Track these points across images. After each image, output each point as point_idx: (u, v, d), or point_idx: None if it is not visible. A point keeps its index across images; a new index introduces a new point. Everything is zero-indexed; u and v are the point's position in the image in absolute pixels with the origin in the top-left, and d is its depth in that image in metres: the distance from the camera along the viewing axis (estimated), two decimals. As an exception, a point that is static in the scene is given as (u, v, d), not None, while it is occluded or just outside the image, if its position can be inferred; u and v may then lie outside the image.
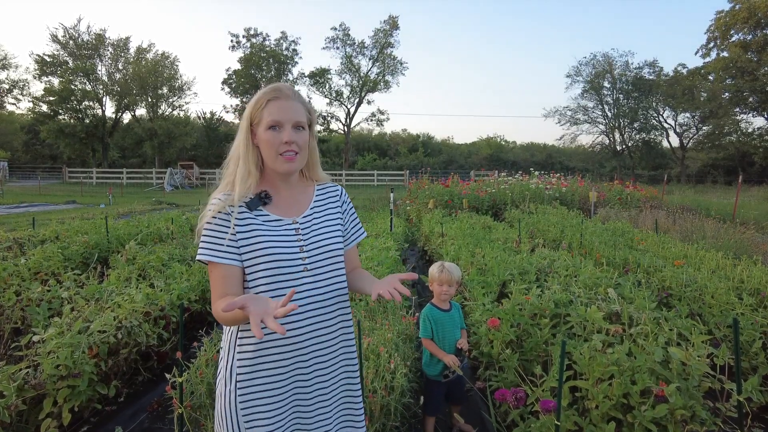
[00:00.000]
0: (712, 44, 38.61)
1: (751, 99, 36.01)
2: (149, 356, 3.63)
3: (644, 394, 2.28)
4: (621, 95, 42.73)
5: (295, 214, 1.43)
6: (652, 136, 43.17)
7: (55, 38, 38.18)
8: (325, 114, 43.72)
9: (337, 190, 1.57)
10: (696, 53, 42.16)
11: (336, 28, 42.90)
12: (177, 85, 42.45)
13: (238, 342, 1.35)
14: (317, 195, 1.52)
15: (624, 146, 43.56)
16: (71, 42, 38.73)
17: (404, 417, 2.68)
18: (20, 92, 41.03)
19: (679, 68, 41.46)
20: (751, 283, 4.22)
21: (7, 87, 40.50)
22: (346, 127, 44.50)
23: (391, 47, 42.77)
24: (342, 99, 44.03)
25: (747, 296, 3.68)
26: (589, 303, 3.41)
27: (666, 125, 42.88)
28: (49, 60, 37.86)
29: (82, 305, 3.56)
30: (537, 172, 16.62)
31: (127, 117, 43.16)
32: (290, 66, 43.29)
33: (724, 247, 6.52)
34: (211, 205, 1.36)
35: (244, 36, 42.47)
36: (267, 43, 42.56)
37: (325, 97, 44.13)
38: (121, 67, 40.85)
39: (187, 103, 68.20)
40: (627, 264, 5.15)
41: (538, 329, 3.12)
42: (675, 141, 42.80)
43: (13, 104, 43.49)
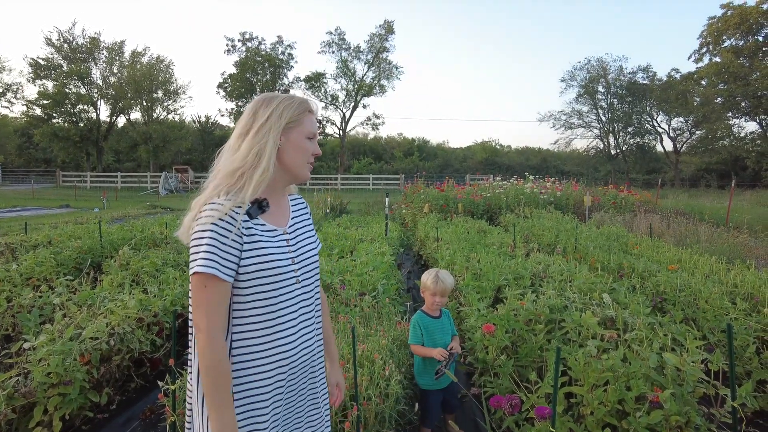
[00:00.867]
0: (704, 49, 38.93)
1: (743, 104, 36.30)
2: (142, 363, 3.60)
3: (639, 400, 2.28)
4: (615, 100, 42.99)
5: (282, 224, 1.40)
6: (646, 141, 43.43)
7: (49, 42, 38.01)
8: (321, 118, 43.72)
9: (304, 201, 1.58)
10: (689, 58, 42.57)
11: (332, 33, 43.00)
12: (172, 88, 42.32)
13: (231, 359, 1.24)
14: (292, 205, 1.50)
15: (618, 150, 43.79)
16: (66, 45, 38.57)
17: (399, 424, 2.67)
18: (14, 96, 40.73)
19: (672, 73, 41.75)
20: (745, 288, 4.24)
21: (1, 90, 40.23)
22: (341, 131, 44.52)
23: (387, 52, 42.89)
24: (337, 103, 44.07)
25: (740, 301, 3.69)
26: (583, 308, 3.42)
27: (660, 130, 43.18)
28: (43, 63, 37.66)
29: (75, 311, 3.53)
30: (532, 177, 16.67)
31: (121, 121, 42.99)
32: (286, 70, 43.31)
33: (718, 252, 6.55)
34: (216, 205, 1.21)
35: (239, 40, 42.47)
36: (262, 47, 42.57)
37: (321, 101, 44.13)
38: (116, 71, 40.68)
39: (182, 107, 68.43)
40: (621, 269, 5.16)
41: (533, 335, 3.12)
42: (669, 145, 43.11)
43: (7, 108, 43.37)
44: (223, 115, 45.27)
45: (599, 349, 2.71)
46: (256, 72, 41.97)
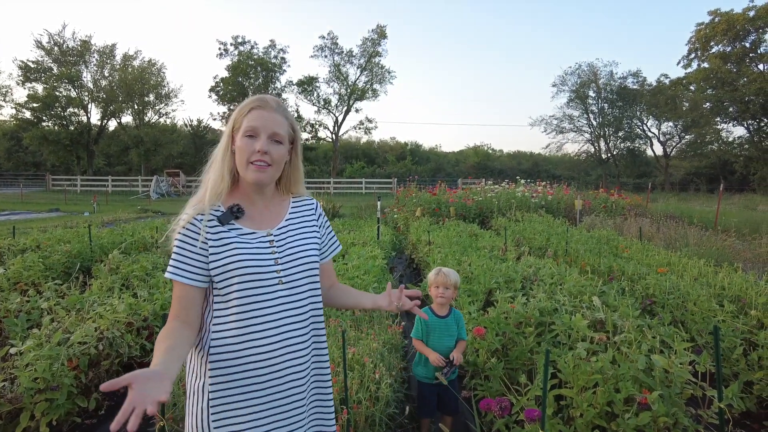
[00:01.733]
0: (693, 55, 39.44)
1: (731, 109, 36.81)
2: (131, 367, 3.57)
3: (628, 402, 2.30)
4: (606, 104, 43.38)
5: (270, 226, 1.41)
6: (637, 145, 43.85)
7: (39, 44, 37.69)
8: (313, 122, 43.70)
9: (312, 203, 1.56)
10: (678, 64, 43.22)
11: (324, 37, 43.02)
12: (164, 92, 42.14)
13: (209, 359, 1.30)
14: (292, 207, 1.50)
15: (609, 155, 44.17)
16: (56, 48, 38.27)
17: (389, 428, 2.67)
18: (3, 98, 40.33)
19: (661, 78, 42.31)
20: (732, 290, 4.29)
21: (-11, 93, 39.84)
22: (334, 135, 44.51)
23: (379, 56, 42.98)
24: (330, 107, 44.08)
25: (728, 303, 3.73)
26: (573, 311, 3.44)
27: (650, 134, 43.64)
28: (33, 66, 37.32)
29: (63, 316, 3.50)
30: (523, 181, 16.76)
31: (112, 124, 42.71)
32: (278, 74, 43.25)
33: (706, 255, 6.62)
34: (183, 215, 1.34)
35: (231, 44, 42.35)
36: (255, 51, 42.50)
37: (313, 105, 44.13)
38: (107, 74, 40.41)
39: (173, 110, 68.09)
40: (612, 272, 5.20)
41: (524, 338, 3.13)
42: (659, 149, 43.58)
43: (-5, 110, 42.87)
44: (215, 119, 44.94)
45: (589, 351, 2.73)
46: (249, 76, 41.88)
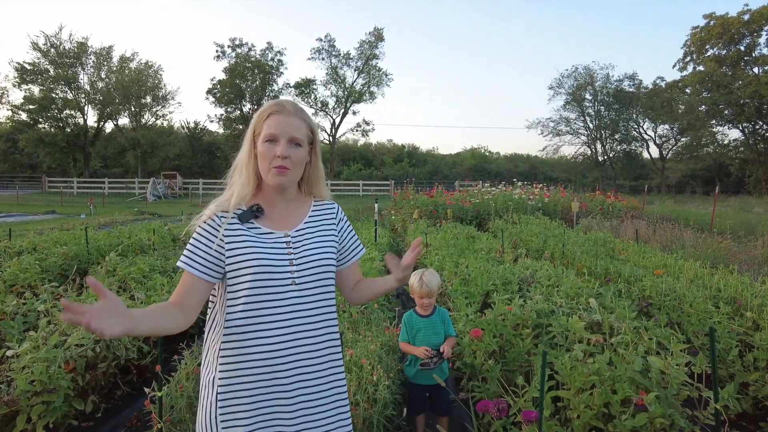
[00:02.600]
0: (688, 58, 39.68)
1: (726, 111, 37.03)
2: (129, 370, 3.56)
3: (625, 404, 2.30)
4: (602, 107, 43.60)
5: (288, 227, 1.43)
6: (633, 147, 44.07)
7: (35, 46, 37.57)
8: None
9: (334, 207, 1.57)
10: (674, 67, 43.25)
11: (321, 39, 43.15)
12: (161, 94, 42.03)
13: (220, 353, 1.34)
14: (313, 210, 1.52)
15: (605, 157, 44.35)
16: (52, 50, 38.17)
17: (387, 429, 2.67)
18: (-1, 100, 40.24)
19: (657, 81, 42.53)
20: (728, 292, 4.31)
21: (-14, 95, 39.68)
22: (331, 138, 44.55)
23: (377, 59, 43.14)
24: (327, 109, 44.16)
25: (724, 305, 3.75)
26: (570, 313, 3.45)
27: (646, 137, 43.88)
28: (29, 68, 37.21)
29: (60, 318, 3.49)
30: (520, 183, 16.82)
31: (109, 126, 42.60)
32: (275, 76, 43.29)
33: (702, 257, 6.65)
34: (207, 210, 1.39)
35: (229, 46, 42.38)
36: (252, 53, 42.54)
37: (311, 107, 44.17)
38: (103, 76, 40.32)
39: (170, 112, 67.78)
40: (608, 273, 5.22)
41: (521, 339, 3.14)
42: (655, 152, 43.83)
43: (-9, 112, 42.69)
44: (212, 121, 45.18)
45: (586, 353, 2.74)
46: (246, 78, 41.90)
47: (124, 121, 42.25)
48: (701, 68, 38.12)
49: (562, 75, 45.01)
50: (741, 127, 37.63)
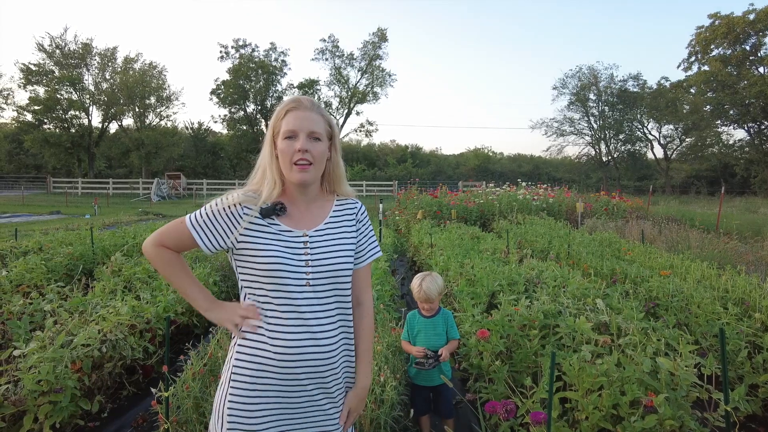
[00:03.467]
0: (693, 58, 39.49)
1: (731, 112, 36.85)
2: (134, 370, 3.57)
3: (633, 405, 2.29)
4: (606, 107, 43.41)
5: (308, 227, 1.41)
6: (637, 148, 43.86)
7: (41, 47, 37.79)
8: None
9: (355, 206, 1.54)
10: (678, 67, 43.07)
11: (325, 40, 43.16)
12: (165, 95, 42.19)
13: (236, 348, 1.37)
14: (335, 209, 1.49)
15: (610, 157, 44.17)
16: (58, 51, 38.36)
17: (394, 430, 2.66)
18: (4, 101, 40.38)
19: (662, 81, 42.31)
20: (736, 293, 4.28)
21: (-9, 96, 39.89)
22: (335, 138, 44.53)
23: (380, 59, 43.10)
24: (331, 110, 44.14)
25: (732, 306, 3.73)
26: (577, 314, 3.43)
27: (650, 137, 43.65)
28: (34, 69, 37.40)
29: (66, 318, 3.49)
30: (524, 183, 16.76)
31: (113, 127, 42.80)
32: (279, 77, 43.35)
33: (709, 257, 6.61)
34: (235, 195, 1.39)
35: (233, 47, 42.49)
36: (256, 53, 42.62)
37: (314, 107, 44.21)
38: (108, 77, 40.50)
39: (174, 113, 68.23)
40: (614, 274, 5.19)
41: (528, 340, 3.12)
42: (659, 152, 43.58)
43: (-3, 113, 42.93)
44: (216, 122, 45.18)
45: (593, 354, 2.72)
46: (250, 79, 41.98)
47: (128, 121, 42.48)
48: (706, 68, 37.92)
49: (566, 75, 44.87)
50: (746, 127, 37.43)
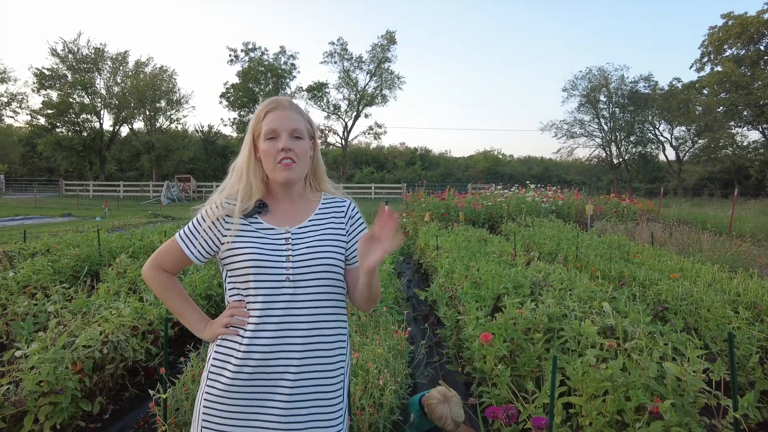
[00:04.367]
0: (706, 59, 39.03)
1: (745, 113, 36.33)
2: (136, 372, 3.56)
3: (639, 411, 2.23)
4: (617, 109, 43.00)
5: (290, 224, 1.41)
6: (649, 150, 43.36)
7: (54, 52, 38.42)
8: (323, 127, 43.95)
9: (344, 204, 1.52)
10: (690, 67, 42.49)
11: (334, 43, 43.35)
12: (175, 98, 42.68)
13: (214, 348, 1.38)
14: (321, 207, 1.48)
15: (621, 160, 43.72)
16: (70, 56, 38.97)
17: (394, 435, 2.62)
18: (18, 105, 41.12)
19: (674, 82, 41.80)
20: (748, 297, 4.18)
21: (6, 100, 40.60)
22: (343, 141, 44.69)
23: (389, 62, 43.19)
24: (339, 113, 44.31)
25: (743, 310, 3.63)
26: (583, 317, 3.37)
27: (662, 139, 43.12)
28: (47, 73, 38.04)
29: (69, 319, 3.50)
30: (534, 186, 16.64)
31: (124, 130, 43.36)
32: (288, 80, 43.62)
33: (721, 261, 6.49)
34: (213, 206, 1.41)
35: (242, 50, 42.85)
36: (265, 57, 42.93)
37: (323, 110, 44.43)
38: (119, 81, 41.06)
39: (185, 116, 68.78)
40: (622, 277, 5.11)
41: (532, 344, 3.07)
42: (671, 154, 43.06)
43: (12, 117, 43.74)
44: (225, 125, 45.68)
45: (598, 358, 2.66)
46: (259, 82, 42.29)
47: (139, 125, 43.03)
48: (719, 69, 37.44)
49: (576, 77, 44.43)
50: (761, 129, 36.88)
